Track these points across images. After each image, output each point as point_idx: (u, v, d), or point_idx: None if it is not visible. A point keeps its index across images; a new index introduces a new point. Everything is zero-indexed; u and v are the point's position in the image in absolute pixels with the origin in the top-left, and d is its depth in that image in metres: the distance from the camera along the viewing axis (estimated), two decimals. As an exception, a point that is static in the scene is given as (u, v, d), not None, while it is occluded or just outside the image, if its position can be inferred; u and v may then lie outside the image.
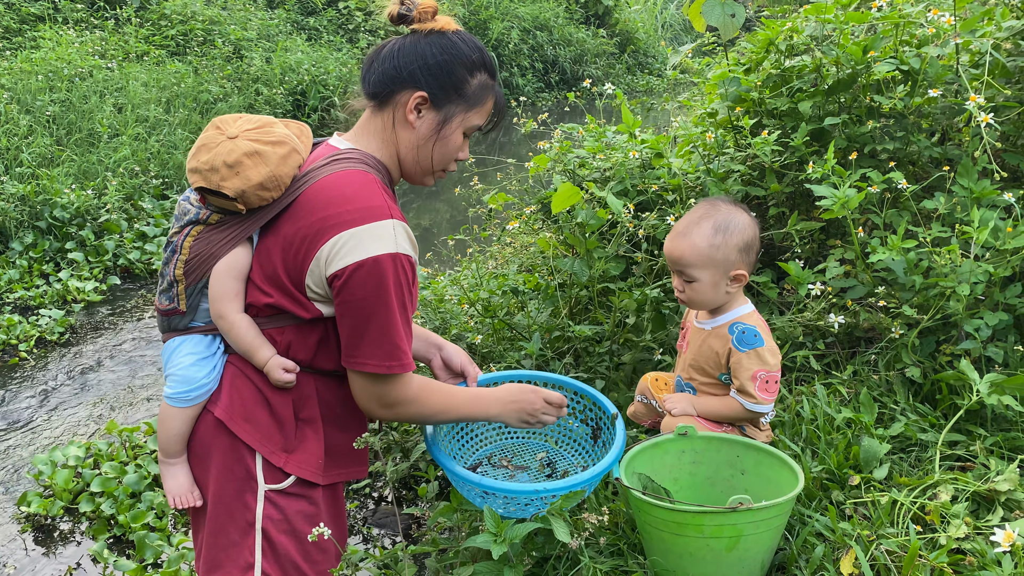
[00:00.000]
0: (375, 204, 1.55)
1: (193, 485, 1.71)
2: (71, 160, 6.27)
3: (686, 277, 2.08)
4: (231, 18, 9.80)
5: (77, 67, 7.14)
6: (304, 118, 8.93)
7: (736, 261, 2.06)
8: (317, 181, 1.59)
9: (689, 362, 2.19)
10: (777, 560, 1.91)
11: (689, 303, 2.15)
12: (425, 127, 1.66)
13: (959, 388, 2.31)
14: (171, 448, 1.68)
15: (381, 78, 1.65)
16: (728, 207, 2.09)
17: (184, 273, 1.63)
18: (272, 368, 1.63)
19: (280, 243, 1.59)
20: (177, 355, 1.66)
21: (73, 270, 5.47)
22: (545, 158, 3.13)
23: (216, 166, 1.55)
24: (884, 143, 2.66)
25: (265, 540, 1.67)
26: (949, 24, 2.51)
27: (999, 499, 1.96)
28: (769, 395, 2.05)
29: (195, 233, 1.64)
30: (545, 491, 1.76)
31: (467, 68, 1.65)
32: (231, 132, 1.58)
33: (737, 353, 2.05)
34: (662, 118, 7.31)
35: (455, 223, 7.05)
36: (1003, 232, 2.32)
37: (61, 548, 2.92)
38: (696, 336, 2.18)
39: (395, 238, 1.54)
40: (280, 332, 1.65)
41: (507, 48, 12.77)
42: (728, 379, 2.12)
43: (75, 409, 3.91)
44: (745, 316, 2.11)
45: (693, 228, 2.07)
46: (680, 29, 17.96)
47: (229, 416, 1.65)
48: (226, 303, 1.62)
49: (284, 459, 1.68)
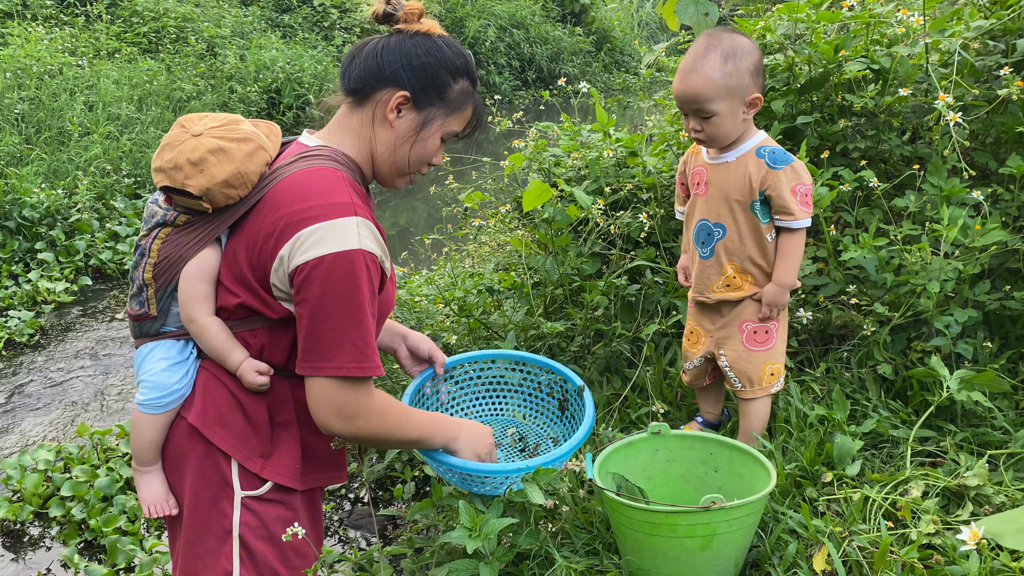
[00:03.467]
0: (340, 200, 1.52)
1: (168, 493, 1.68)
2: (41, 159, 6.17)
3: (704, 114, 2.05)
4: (204, 15, 9.69)
5: (46, 64, 7.03)
6: (279, 116, 8.86)
7: (750, 85, 2.04)
8: (283, 178, 1.57)
9: (717, 201, 2.18)
10: (751, 558, 1.92)
11: (709, 141, 2.13)
12: (404, 127, 1.64)
13: (930, 384, 2.33)
14: (145, 456, 1.65)
15: (363, 74, 1.63)
16: (728, 34, 2.06)
17: (154, 277, 1.61)
18: (245, 371, 1.60)
19: (245, 242, 1.57)
20: (149, 361, 1.63)
21: (43, 271, 5.38)
22: (520, 157, 3.13)
23: (180, 164, 1.53)
24: (856, 142, 2.69)
25: (243, 547, 1.64)
26: (918, 24, 2.53)
27: (968, 494, 1.98)
28: (808, 208, 2.10)
29: (163, 235, 1.61)
30: (527, 468, 1.78)
31: (451, 73, 1.64)
32: (196, 130, 1.56)
33: (774, 172, 2.08)
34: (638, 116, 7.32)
35: (432, 222, 7.02)
36: (972, 230, 2.34)
37: (31, 553, 2.88)
38: (718, 172, 2.17)
39: (359, 235, 1.51)
40: (253, 335, 1.62)
41: (484, 46, 12.75)
42: (760, 207, 2.13)
43: (45, 412, 3.85)
44: (766, 140, 2.14)
45: (701, 62, 2.02)
46: (656, 27, 18.02)
47: (203, 422, 1.62)
48: (196, 306, 1.59)
49: (260, 465, 1.65)
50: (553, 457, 1.82)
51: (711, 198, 2.19)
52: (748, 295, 2.21)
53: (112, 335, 4.72)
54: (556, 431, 2.18)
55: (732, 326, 2.24)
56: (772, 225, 2.16)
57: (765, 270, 2.20)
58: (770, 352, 2.23)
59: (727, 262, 2.21)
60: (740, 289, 2.21)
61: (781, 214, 2.11)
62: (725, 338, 2.26)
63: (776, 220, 2.13)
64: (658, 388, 2.66)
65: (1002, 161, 2.54)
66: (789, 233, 2.14)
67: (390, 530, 2.82)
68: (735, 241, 2.18)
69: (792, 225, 2.11)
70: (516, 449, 2.19)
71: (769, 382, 2.24)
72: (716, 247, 2.21)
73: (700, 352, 2.33)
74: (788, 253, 2.15)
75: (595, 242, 2.92)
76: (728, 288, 2.22)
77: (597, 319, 2.79)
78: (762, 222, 2.14)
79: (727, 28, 2.13)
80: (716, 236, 2.20)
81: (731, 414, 2.53)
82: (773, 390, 2.25)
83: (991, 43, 2.68)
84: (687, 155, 2.34)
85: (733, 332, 2.25)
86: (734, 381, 2.26)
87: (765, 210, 2.14)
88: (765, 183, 2.10)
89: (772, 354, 2.23)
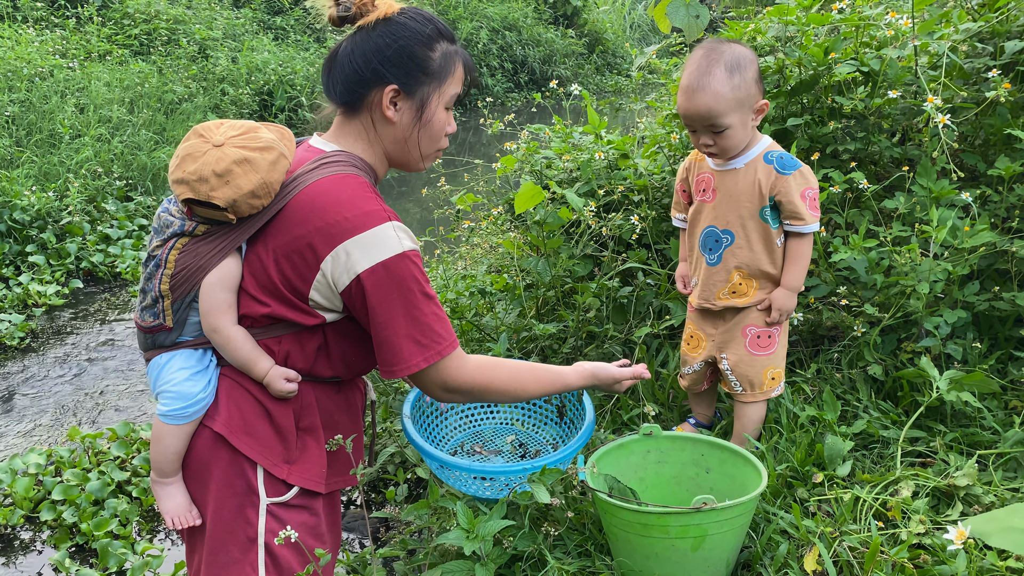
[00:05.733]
0: (372, 208, 1.52)
1: (191, 504, 1.65)
2: (31, 161, 6.15)
3: (716, 128, 2.04)
4: (196, 17, 9.67)
5: (37, 67, 7.00)
6: (271, 118, 8.84)
7: (756, 93, 2.04)
8: (308, 186, 1.55)
9: (725, 207, 2.18)
10: (742, 558, 1.93)
11: (722, 154, 2.13)
12: (406, 117, 1.63)
13: (920, 385, 2.34)
14: (167, 468, 1.62)
15: (346, 85, 1.61)
16: (726, 44, 2.05)
17: (171, 288, 1.57)
18: (273, 379, 1.59)
19: (274, 252, 1.55)
20: (168, 371, 1.59)
21: (34, 273, 5.36)
22: (512, 159, 3.13)
23: (205, 176, 1.48)
24: (845, 143, 2.70)
25: (268, 555, 1.63)
26: (907, 26, 2.55)
27: (958, 494, 1.99)
28: (816, 212, 2.11)
29: (180, 246, 1.57)
30: (534, 468, 1.85)
31: (426, 44, 1.61)
32: (216, 140, 1.51)
33: (783, 177, 2.08)
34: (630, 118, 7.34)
35: (424, 223, 7.01)
36: (961, 231, 2.36)
37: (21, 558, 2.87)
38: (725, 179, 2.17)
39: (399, 239, 1.53)
40: (277, 342, 1.61)
41: (476, 48, 12.76)
42: (770, 213, 2.13)
43: (36, 415, 3.83)
44: (772, 145, 2.14)
45: (707, 78, 2.01)
46: (648, 30, 18.05)
47: (229, 430, 1.60)
48: (219, 316, 1.56)
49: (287, 471, 1.64)
50: (557, 457, 1.88)
51: (719, 205, 2.18)
52: (754, 301, 2.21)
53: (103, 338, 4.70)
54: (555, 436, 2.21)
55: (735, 330, 2.24)
56: (781, 230, 2.16)
57: (772, 276, 2.19)
58: (772, 356, 2.23)
59: (734, 269, 2.20)
60: (746, 296, 2.21)
61: (791, 219, 2.12)
62: (727, 342, 2.26)
63: (786, 225, 2.14)
64: (650, 390, 2.67)
65: (991, 163, 2.56)
66: (799, 238, 2.15)
67: (383, 532, 2.82)
68: (743, 247, 2.18)
69: (802, 230, 2.12)
70: (516, 455, 2.21)
71: (770, 386, 2.24)
72: (724, 254, 2.20)
73: (701, 356, 2.33)
74: (797, 258, 2.16)
75: (587, 244, 2.93)
76: (734, 295, 2.22)
77: (589, 321, 2.80)
78: (772, 227, 2.14)
79: (719, 39, 2.14)
80: (724, 243, 2.20)
81: (723, 415, 2.54)
82: (773, 394, 2.25)
83: (979, 45, 2.69)
84: (689, 162, 2.32)
85: (736, 336, 2.24)
86: (735, 385, 2.26)
87: (775, 215, 2.14)
88: (775, 188, 2.10)
89: (774, 358, 2.23)
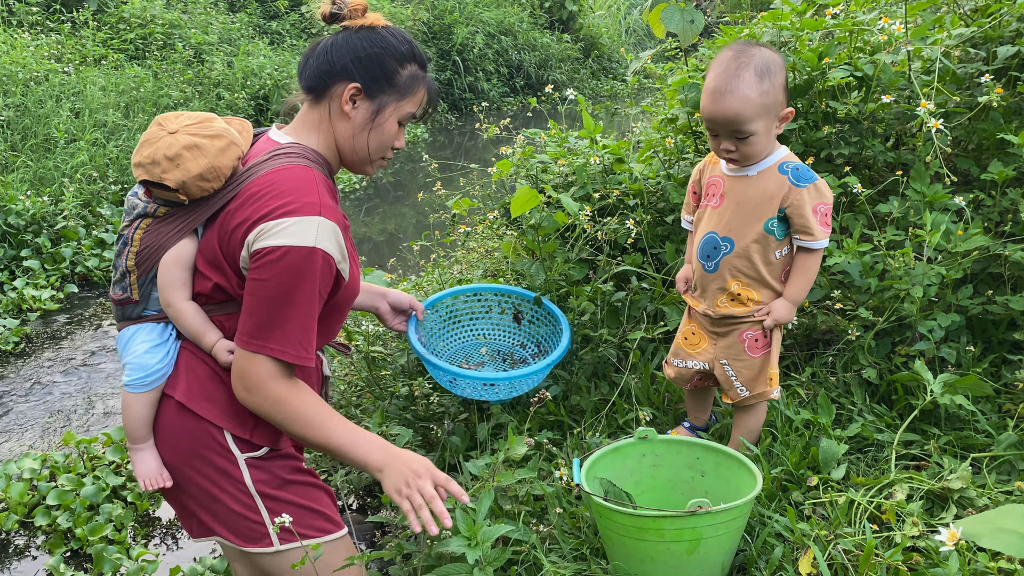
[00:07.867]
0: (309, 200, 1.62)
1: (162, 467, 1.76)
2: (26, 166, 6.14)
3: (741, 134, 1.97)
4: (192, 22, 9.67)
5: (32, 71, 6.99)
6: (267, 123, 8.84)
7: (783, 100, 1.98)
8: (259, 176, 1.67)
9: (729, 214, 2.12)
10: (737, 562, 1.93)
11: (744, 160, 2.06)
12: (360, 116, 1.75)
13: (914, 388, 2.35)
14: (137, 433, 1.75)
15: (316, 72, 1.74)
16: (754, 47, 1.98)
17: (136, 264, 1.73)
18: (219, 351, 1.72)
19: (219, 231, 1.68)
20: (132, 343, 1.75)
21: (29, 278, 5.35)
22: (508, 163, 3.14)
23: (157, 159, 1.65)
24: (840, 148, 2.71)
25: (265, 500, 1.75)
26: (901, 31, 2.56)
27: (952, 497, 2.00)
28: (827, 228, 2.05)
29: (144, 226, 1.74)
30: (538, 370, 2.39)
31: (397, 60, 1.75)
32: (171, 128, 1.68)
33: (797, 190, 2.02)
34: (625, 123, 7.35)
35: (420, 228, 7.01)
36: (954, 235, 2.37)
37: (16, 563, 2.86)
38: (736, 184, 2.11)
39: (317, 234, 1.60)
40: (228, 318, 1.73)
41: (472, 52, 12.76)
42: (776, 225, 2.07)
43: (31, 420, 3.82)
44: (789, 156, 2.08)
45: (735, 81, 1.94)
46: (644, 34, 18.09)
47: (189, 398, 1.72)
48: (173, 291, 1.71)
49: (250, 432, 1.75)
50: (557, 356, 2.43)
51: (724, 211, 2.13)
52: (752, 311, 2.16)
53: (98, 343, 4.70)
54: (522, 338, 2.76)
55: (732, 336, 2.21)
56: (785, 242, 2.11)
57: (771, 286, 2.14)
58: (768, 357, 2.20)
59: (731, 278, 2.14)
60: (744, 305, 2.16)
61: (801, 234, 2.05)
62: (729, 348, 2.22)
63: (796, 240, 2.07)
64: (645, 393, 2.67)
65: (984, 167, 2.58)
66: (807, 252, 2.08)
67: (378, 536, 2.81)
68: (741, 257, 2.11)
69: (811, 245, 2.05)
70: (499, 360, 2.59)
71: (771, 387, 2.22)
72: (720, 262, 2.15)
73: (699, 357, 2.28)
74: (804, 272, 2.10)
75: (582, 248, 2.94)
76: (733, 303, 2.17)
77: (584, 324, 2.80)
78: (777, 238, 2.09)
79: (748, 40, 2.12)
80: (722, 251, 2.14)
81: (718, 418, 2.54)
82: (774, 395, 2.21)
83: (972, 51, 2.71)
84: (704, 163, 2.27)
85: (734, 342, 2.20)
86: (740, 390, 2.21)
87: (782, 227, 2.08)
88: (787, 200, 2.03)
89: (770, 359, 2.21)
